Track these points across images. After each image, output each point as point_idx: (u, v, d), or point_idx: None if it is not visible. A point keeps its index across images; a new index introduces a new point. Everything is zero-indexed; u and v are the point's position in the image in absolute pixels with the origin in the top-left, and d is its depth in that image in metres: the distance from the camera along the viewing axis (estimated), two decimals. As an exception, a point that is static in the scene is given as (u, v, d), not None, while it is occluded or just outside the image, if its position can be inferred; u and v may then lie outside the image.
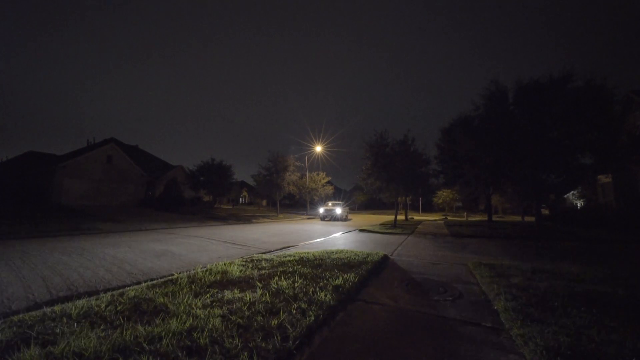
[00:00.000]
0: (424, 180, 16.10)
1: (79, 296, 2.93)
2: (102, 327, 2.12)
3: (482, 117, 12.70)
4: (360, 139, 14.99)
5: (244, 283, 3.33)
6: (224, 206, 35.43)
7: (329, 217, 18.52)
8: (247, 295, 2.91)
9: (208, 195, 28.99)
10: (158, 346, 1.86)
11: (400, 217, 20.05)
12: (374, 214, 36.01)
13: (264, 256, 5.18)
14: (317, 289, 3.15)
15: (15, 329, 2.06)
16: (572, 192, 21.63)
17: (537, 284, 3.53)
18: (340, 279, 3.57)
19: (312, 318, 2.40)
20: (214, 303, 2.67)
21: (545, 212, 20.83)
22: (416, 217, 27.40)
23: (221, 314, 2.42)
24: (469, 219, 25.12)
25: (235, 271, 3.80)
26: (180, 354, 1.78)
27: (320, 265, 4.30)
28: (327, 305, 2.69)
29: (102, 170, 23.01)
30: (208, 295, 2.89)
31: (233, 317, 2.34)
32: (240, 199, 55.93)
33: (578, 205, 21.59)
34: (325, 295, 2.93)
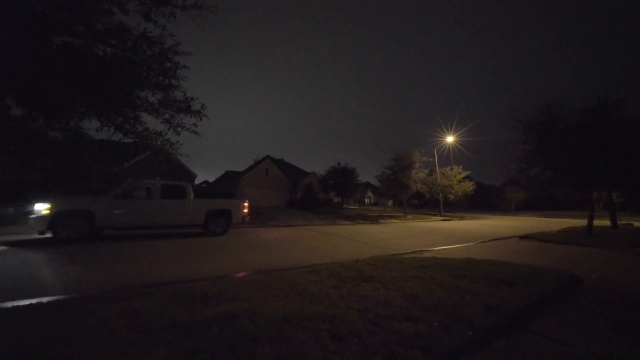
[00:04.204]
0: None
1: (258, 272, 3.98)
2: (273, 297, 2.74)
3: None
4: (506, 123, 11.49)
5: (376, 282, 3.34)
6: (351, 207, 37.87)
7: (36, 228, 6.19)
8: (380, 295, 2.88)
9: (337, 196, 32.13)
10: (308, 324, 2.16)
11: (602, 223, 13.50)
12: (545, 216, 25.99)
13: (395, 257, 5.01)
14: (463, 303, 2.67)
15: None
16: None
17: None
18: (496, 296, 2.86)
19: (459, 337, 2.04)
20: (350, 297, 2.83)
21: None
22: (637, 224, 17.13)
23: (357, 308, 2.52)
24: None
25: (367, 270, 3.89)
26: (325, 336, 1.99)
27: (464, 276, 3.64)
28: (479, 327, 2.21)
29: (263, 180, 31.52)
30: (345, 288, 3.10)
31: (369, 315, 2.38)
32: (366, 200, 57.73)
33: None
34: (475, 314, 2.42)
